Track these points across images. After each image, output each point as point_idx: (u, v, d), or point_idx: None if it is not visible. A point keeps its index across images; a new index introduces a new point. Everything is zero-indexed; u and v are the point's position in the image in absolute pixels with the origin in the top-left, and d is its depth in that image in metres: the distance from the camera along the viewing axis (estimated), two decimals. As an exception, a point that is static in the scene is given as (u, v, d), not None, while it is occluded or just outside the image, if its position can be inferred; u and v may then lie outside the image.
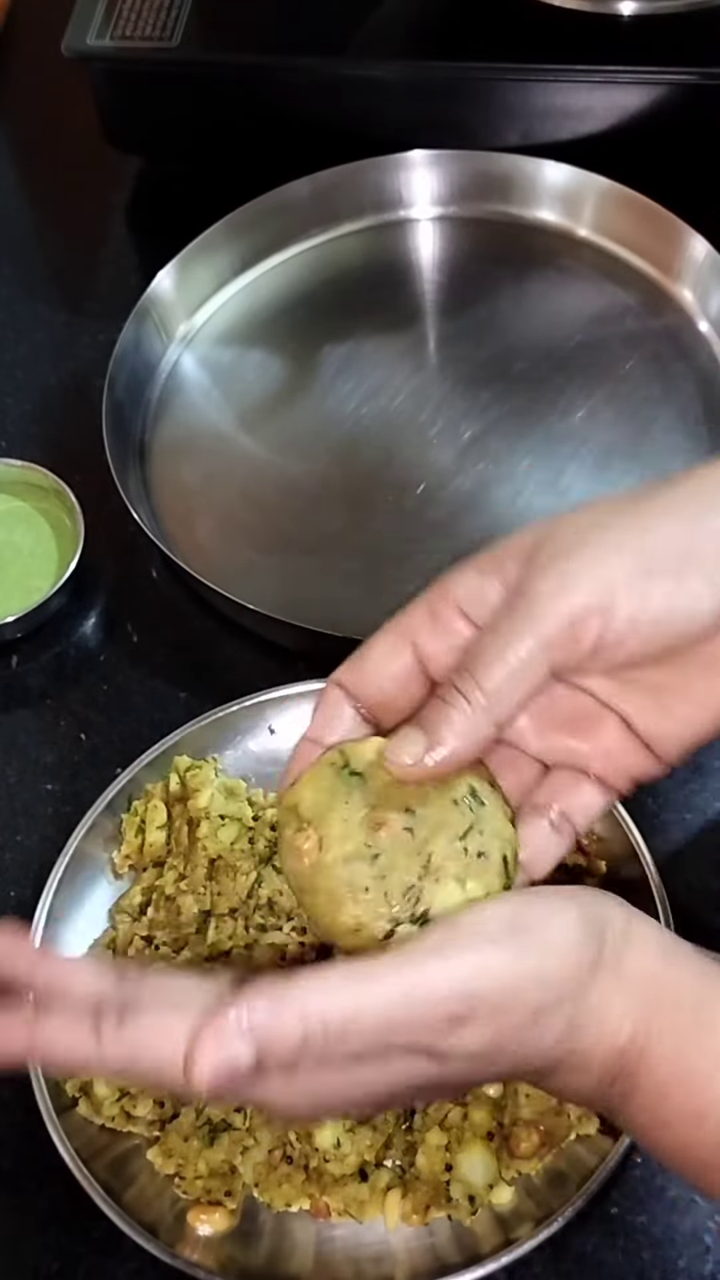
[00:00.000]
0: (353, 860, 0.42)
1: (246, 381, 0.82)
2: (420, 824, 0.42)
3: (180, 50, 0.84)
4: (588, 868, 0.63)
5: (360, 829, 0.42)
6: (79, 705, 0.73)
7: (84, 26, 0.85)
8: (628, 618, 0.41)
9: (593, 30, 0.82)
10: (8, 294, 0.90)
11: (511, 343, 0.81)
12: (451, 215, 0.86)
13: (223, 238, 0.83)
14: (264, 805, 0.66)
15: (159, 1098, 0.58)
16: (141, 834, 0.65)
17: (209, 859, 0.63)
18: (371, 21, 0.85)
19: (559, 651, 0.41)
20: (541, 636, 0.41)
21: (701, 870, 0.64)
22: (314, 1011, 0.38)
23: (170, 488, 0.78)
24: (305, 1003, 0.38)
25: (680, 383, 0.79)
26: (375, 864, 0.42)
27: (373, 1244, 0.56)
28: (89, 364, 0.82)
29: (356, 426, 0.79)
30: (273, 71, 0.85)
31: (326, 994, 0.39)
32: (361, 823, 0.42)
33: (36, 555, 0.75)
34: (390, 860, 0.42)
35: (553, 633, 0.41)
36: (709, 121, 0.81)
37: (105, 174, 0.94)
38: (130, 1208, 0.56)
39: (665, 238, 0.81)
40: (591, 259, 0.84)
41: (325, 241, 0.86)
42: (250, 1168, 0.57)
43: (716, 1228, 0.57)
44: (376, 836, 0.42)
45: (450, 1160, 0.56)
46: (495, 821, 0.43)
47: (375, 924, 0.41)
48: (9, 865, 0.68)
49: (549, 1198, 0.55)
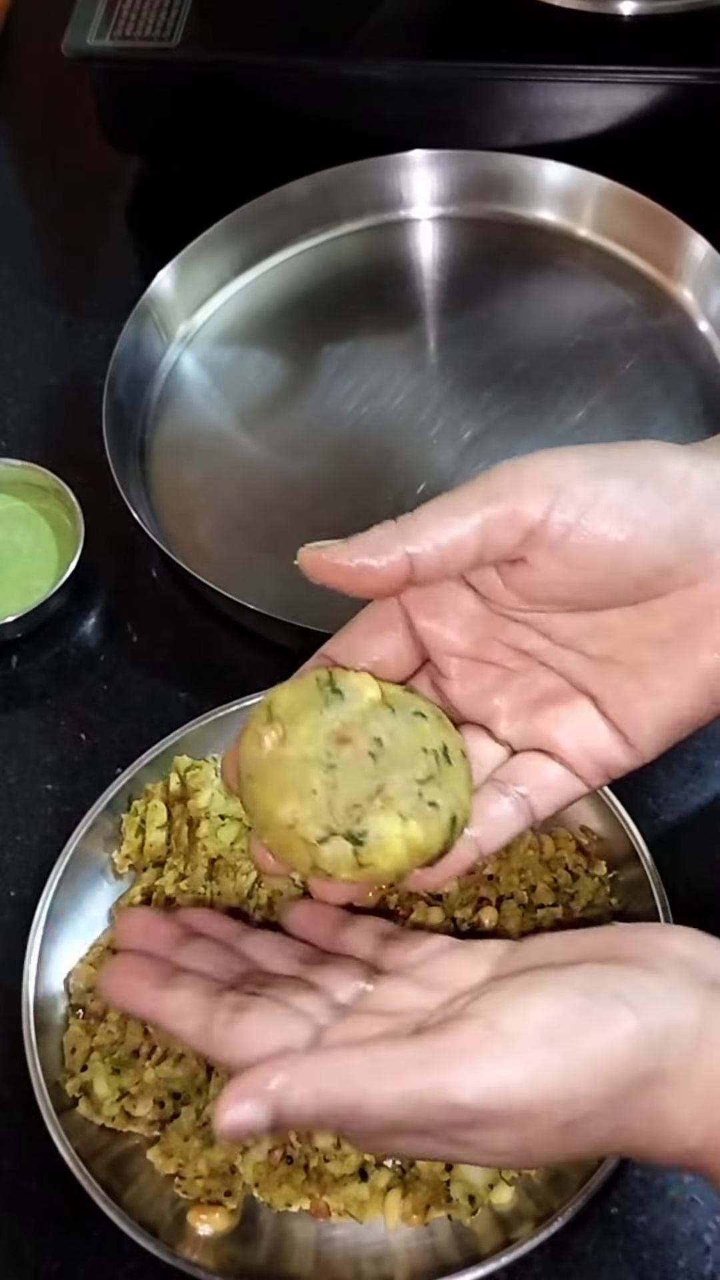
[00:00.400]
0: (311, 762, 0.42)
1: (246, 381, 0.82)
2: (384, 755, 0.42)
3: (180, 50, 0.84)
4: (588, 868, 0.63)
5: (326, 739, 0.42)
6: (79, 705, 0.73)
7: (84, 26, 0.85)
8: (579, 504, 0.41)
9: (593, 30, 0.82)
10: (8, 294, 0.90)
11: (511, 343, 0.81)
12: (451, 215, 0.86)
13: (223, 238, 0.83)
14: (264, 805, 0.66)
15: (160, 1097, 0.58)
16: (141, 834, 0.65)
17: (209, 859, 0.63)
18: (371, 21, 0.85)
19: (501, 521, 0.41)
20: (484, 492, 0.41)
21: (701, 870, 0.64)
22: (327, 1093, 0.39)
23: (170, 488, 0.78)
24: (320, 1083, 0.39)
25: (680, 383, 0.79)
26: (330, 772, 0.42)
27: (373, 1244, 0.56)
28: (89, 364, 0.82)
29: (356, 426, 0.79)
30: (273, 71, 0.85)
31: (344, 1080, 0.39)
32: (329, 735, 0.42)
33: (36, 555, 0.75)
34: (345, 775, 0.42)
35: (497, 489, 0.41)
36: (709, 121, 0.81)
37: (105, 174, 0.94)
38: (130, 1208, 0.56)
39: (665, 238, 0.81)
40: (591, 259, 0.84)
41: (325, 241, 0.86)
42: (250, 1168, 0.57)
43: (717, 1228, 0.57)
44: (339, 750, 0.42)
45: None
46: (456, 783, 0.43)
47: (311, 826, 0.42)
48: (9, 865, 0.68)
49: (549, 1198, 0.55)
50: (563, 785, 0.45)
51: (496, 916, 0.61)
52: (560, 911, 0.61)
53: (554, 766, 0.45)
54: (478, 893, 0.62)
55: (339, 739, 0.42)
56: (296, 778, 0.42)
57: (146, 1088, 0.58)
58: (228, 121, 0.87)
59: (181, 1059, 0.59)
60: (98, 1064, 0.59)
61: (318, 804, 0.42)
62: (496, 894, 0.62)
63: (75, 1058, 0.60)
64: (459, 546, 0.42)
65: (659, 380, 0.79)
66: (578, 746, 0.45)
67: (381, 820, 0.41)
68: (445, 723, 0.44)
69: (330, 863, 0.42)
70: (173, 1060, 0.59)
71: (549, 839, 0.64)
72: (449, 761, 0.43)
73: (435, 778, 0.42)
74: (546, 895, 0.62)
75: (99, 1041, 0.60)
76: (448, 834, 0.43)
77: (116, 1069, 0.59)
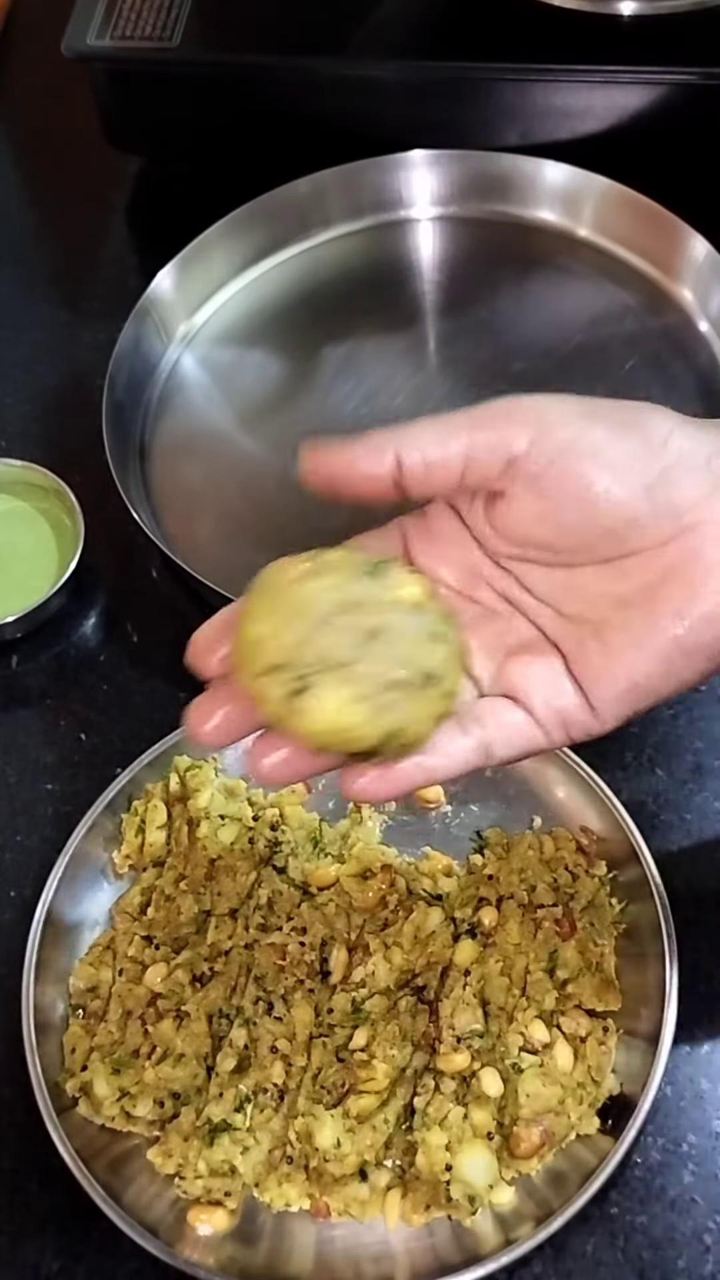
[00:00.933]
0: (312, 605, 0.43)
1: (246, 381, 0.82)
2: (378, 642, 0.43)
3: (180, 50, 0.84)
4: (588, 868, 0.63)
5: (339, 600, 0.43)
6: (79, 705, 0.73)
7: (84, 26, 0.85)
8: (560, 441, 0.43)
9: (593, 30, 0.82)
10: (8, 294, 0.90)
11: (511, 343, 0.81)
12: (451, 215, 0.86)
13: (223, 238, 0.83)
14: (264, 805, 0.66)
15: (160, 1097, 0.59)
16: (141, 834, 0.65)
17: (209, 859, 0.63)
18: (371, 21, 0.85)
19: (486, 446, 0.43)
20: (477, 417, 0.44)
21: (701, 870, 0.64)
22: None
23: (170, 488, 0.78)
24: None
25: (680, 383, 0.79)
26: (320, 625, 0.42)
27: (373, 1244, 0.56)
28: (89, 364, 0.82)
29: (356, 426, 0.78)
30: (273, 71, 0.85)
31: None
32: (344, 599, 0.43)
33: (36, 555, 0.75)
34: (331, 635, 0.42)
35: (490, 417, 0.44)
36: (709, 121, 0.81)
37: (105, 174, 0.94)
38: (130, 1208, 0.56)
39: (665, 238, 0.81)
40: (591, 259, 0.84)
41: (325, 241, 0.86)
42: (250, 1168, 0.57)
43: (717, 1228, 0.57)
44: (343, 615, 0.43)
45: (450, 1160, 0.56)
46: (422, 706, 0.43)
47: (272, 652, 0.42)
48: (9, 865, 0.68)
49: (549, 1198, 0.55)
50: (523, 731, 0.45)
51: (496, 916, 0.61)
52: (560, 911, 0.61)
53: (517, 713, 0.45)
54: (478, 893, 0.62)
55: (349, 606, 0.43)
56: (291, 610, 0.43)
57: (146, 1088, 0.58)
58: (228, 121, 0.87)
59: (181, 1059, 0.59)
60: (98, 1064, 0.59)
61: (289, 639, 0.42)
62: (496, 894, 0.62)
63: (75, 1058, 0.60)
64: (445, 462, 0.44)
65: (659, 380, 0.79)
66: (543, 698, 0.45)
67: (329, 686, 0.42)
68: (457, 659, 0.44)
69: (264, 690, 0.42)
70: (173, 1060, 0.59)
71: (549, 839, 0.64)
72: (430, 685, 0.43)
73: (408, 689, 0.42)
74: (546, 895, 0.62)
75: (99, 1041, 0.60)
76: (383, 738, 0.42)
77: (116, 1069, 0.59)
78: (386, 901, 0.63)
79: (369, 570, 0.44)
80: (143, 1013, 0.61)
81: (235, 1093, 0.58)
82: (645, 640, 0.43)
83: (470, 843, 0.65)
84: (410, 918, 0.62)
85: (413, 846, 0.65)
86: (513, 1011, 0.59)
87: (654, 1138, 0.58)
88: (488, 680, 0.46)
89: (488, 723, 0.45)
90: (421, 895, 0.63)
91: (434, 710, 0.43)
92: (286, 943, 0.61)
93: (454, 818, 0.66)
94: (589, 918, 0.61)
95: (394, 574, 0.44)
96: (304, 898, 0.63)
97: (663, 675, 0.44)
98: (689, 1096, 0.59)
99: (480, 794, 0.66)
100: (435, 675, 0.43)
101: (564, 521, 0.44)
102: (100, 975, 0.62)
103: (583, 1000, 0.59)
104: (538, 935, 0.61)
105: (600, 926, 0.61)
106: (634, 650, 0.44)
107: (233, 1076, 0.59)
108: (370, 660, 0.42)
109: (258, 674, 0.42)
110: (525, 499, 0.44)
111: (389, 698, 0.42)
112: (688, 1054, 0.60)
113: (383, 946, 0.61)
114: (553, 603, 0.46)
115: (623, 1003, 0.59)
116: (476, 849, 0.65)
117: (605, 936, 0.61)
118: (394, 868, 0.64)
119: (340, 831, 0.66)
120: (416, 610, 0.44)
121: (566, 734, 0.45)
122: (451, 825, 0.66)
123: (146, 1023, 0.60)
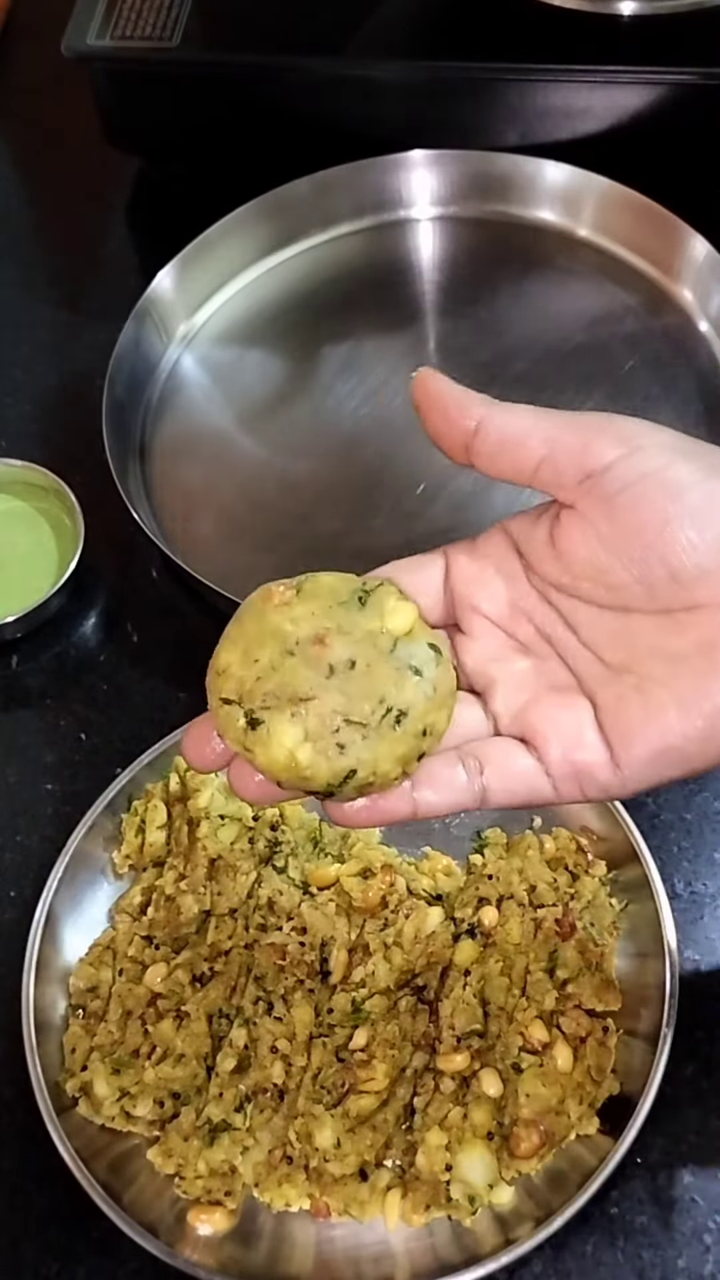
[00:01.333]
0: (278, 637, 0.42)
1: (246, 381, 0.82)
2: (344, 678, 0.42)
3: (180, 50, 0.84)
4: (588, 868, 0.63)
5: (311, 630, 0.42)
6: (79, 705, 0.73)
7: (84, 26, 0.85)
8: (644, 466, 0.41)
9: (593, 30, 0.82)
10: (8, 294, 0.90)
11: (511, 343, 0.81)
12: (451, 215, 0.86)
13: (223, 238, 0.83)
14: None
15: (160, 1097, 0.59)
16: (141, 834, 0.65)
17: (209, 859, 0.63)
18: (371, 21, 0.85)
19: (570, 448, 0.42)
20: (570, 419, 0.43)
21: (701, 870, 0.64)
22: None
23: (170, 488, 0.78)
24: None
25: (680, 383, 0.79)
26: (284, 657, 0.42)
27: (373, 1244, 0.56)
28: (89, 364, 0.82)
29: (356, 426, 0.79)
30: (273, 71, 0.85)
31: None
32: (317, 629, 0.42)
33: (36, 555, 0.75)
34: (292, 668, 0.41)
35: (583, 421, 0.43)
36: (709, 121, 0.81)
37: (105, 174, 0.94)
38: (130, 1208, 0.56)
39: (665, 238, 0.81)
40: (591, 259, 0.84)
41: (325, 241, 0.86)
42: (250, 1168, 0.57)
43: (717, 1228, 0.57)
44: (310, 646, 0.42)
45: (450, 1160, 0.56)
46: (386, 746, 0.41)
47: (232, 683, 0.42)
48: (9, 865, 0.68)
49: (549, 1198, 0.55)
50: (528, 780, 0.43)
51: (496, 916, 0.61)
52: (560, 911, 0.61)
53: (528, 759, 0.43)
54: (478, 892, 0.62)
55: (319, 638, 0.42)
56: (257, 639, 0.42)
57: (146, 1088, 0.58)
58: (228, 121, 0.87)
59: (181, 1059, 0.59)
60: (98, 1064, 0.59)
61: (250, 672, 0.41)
62: (497, 894, 0.62)
63: (75, 1058, 0.60)
64: (520, 446, 0.43)
65: (659, 380, 0.79)
66: (561, 748, 0.43)
67: (283, 725, 0.41)
68: (440, 696, 0.43)
69: (223, 720, 0.42)
70: (173, 1060, 0.59)
71: (549, 839, 0.64)
72: (396, 724, 0.41)
73: (369, 729, 0.41)
74: (547, 895, 0.62)
75: (99, 1041, 0.60)
76: (338, 780, 0.41)
77: (116, 1069, 0.59)
78: (386, 901, 0.63)
79: (353, 596, 0.43)
80: (143, 1013, 0.61)
81: (235, 1093, 0.58)
82: (691, 702, 0.41)
83: (470, 843, 0.65)
84: (410, 918, 0.62)
85: (413, 846, 0.65)
86: (513, 1011, 0.59)
87: (654, 1138, 0.58)
88: (507, 719, 0.44)
89: (490, 764, 0.43)
90: (421, 895, 0.63)
91: (400, 751, 0.41)
92: (286, 943, 0.61)
93: (454, 818, 0.66)
94: (589, 918, 0.61)
95: (383, 601, 0.43)
96: (304, 898, 0.63)
97: (700, 742, 0.41)
98: (689, 1096, 0.59)
99: (480, 794, 0.66)
100: (407, 713, 0.41)
101: (629, 553, 0.41)
102: (100, 975, 0.62)
103: (583, 1000, 0.59)
104: (538, 935, 0.61)
105: (600, 926, 0.61)
106: (677, 710, 0.41)
107: (233, 1076, 0.59)
108: (331, 696, 0.41)
109: (219, 704, 0.42)
110: (595, 518, 0.42)
111: (346, 736, 0.41)
112: (688, 1054, 0.60)
113: (383, 946, 0.61)
114: (596, 648, 0.43)
115: (623, 1003, 0.59)
116: (476, 849, 0.65)
117: (605, 936, 0.61)
118: (394, 868, 0.64)
119: (340, 831, 0.66)
120: (401, 642, 0.42)
121: (580, 789, 0.43)
122: (451, 825, 0.66)
123: (146, 1023, 0.60)
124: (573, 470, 0.42)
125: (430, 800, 0.43)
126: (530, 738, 0.43)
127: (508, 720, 0.44)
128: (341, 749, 0.41)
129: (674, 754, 0.41)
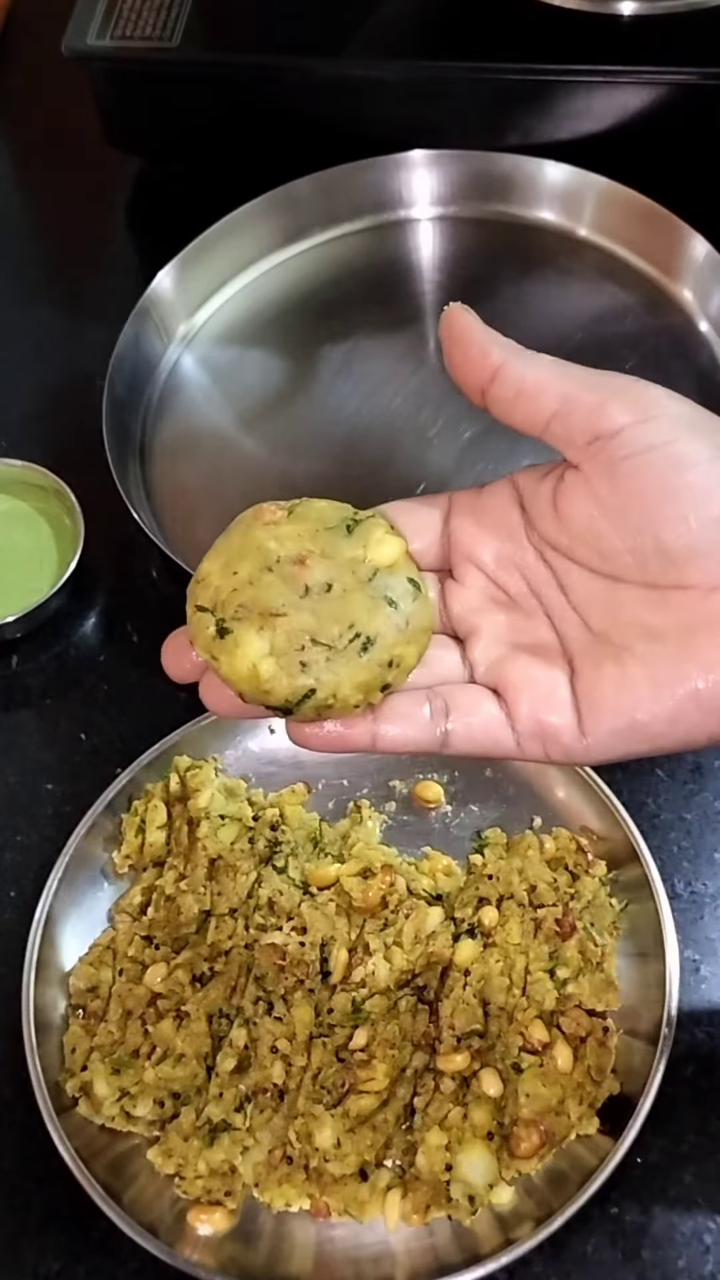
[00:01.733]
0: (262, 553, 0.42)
1: (246, 381, 0.82)
2: (318, 600, 0.42)
3: (180, 50, 0.84)
4: (588, 868, 0.63)
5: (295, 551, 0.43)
6: (79, 705, 0.73)
7: (84, 26, 0.85)
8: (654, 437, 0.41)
9: (593, 30, 0.82)
10: (8, 294, 0.90)
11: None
12: (451, 215, 0.86)
13: (223, 238, 0.83)
14: (264, 805, 0.66)
15: (160, 1097, 0.59)
16: (141, 834, 0.65)
17: (209, 859, 0.63)
18: (371, 21, 0.85)
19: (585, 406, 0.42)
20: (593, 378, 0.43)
21: (701, 870, 0.64)
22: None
23: (170, 488, 0.78)
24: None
25: (680, 383, 0.78)
26: (264, 573, 0.42)
27: (373, 1244, 0.56)
28: (89, 364, 0.82)
29: (356, 426, 0.79)
30: (273, 71, 0.85)
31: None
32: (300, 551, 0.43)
33: (36, 555, 0.75)
34: (269, 584, 0.42)
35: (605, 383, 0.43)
36: (709, 121, 0.81)
37: (105, 174, 0.94)
38: (130, 1208, 0.56)
39: (665, 238, 0.81)
40: (591, 259, 0.84)
41: (325, 241, 0.86)
42: (250, 1168, 0.57)
43: (717, 1228, 0.57)
44: (291, 565, 0.42)
45: (450, 1160, 0.56)
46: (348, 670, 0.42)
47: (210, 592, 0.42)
48: (9, 865, 0.68)
49: (549, 1198, 0.55)
50: (492, 730, 0.43)
51: (496, 916, 0.61)
52: (560, 911, 0.61)
53: (495, 709, 0.43)
54: (478, 892, 0.62)
55: (300, 559, 0.42)
56: (240, 553, 0.43)
57: (146, 1088, 0.58)
58: (228, 121, 0.87)
59: (181, 1059, 0.59)
60: (98, 1064, 0.59)
61: (228, 583, 0.42)
62: (497, 894, 0.62)
63: (75, 1058, 0.60)
64: (538, 396, 0.43)
65: (659, 380, 0.78)
66: (531, 705, 0.43)
67: (250, 636, 0.41)
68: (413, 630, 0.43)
69: (194, 628, 0.43)
70: (173, 1060, 0.59)
71: (549, 839, 0.64)
72: (363, 651, 0.42)
73: (334, 652, 0.41)
74: (547, 895, 0.62)
75: (99, 1041, 0.60)
76: (296, 698, 0.41)
77: (116, 1069, 0.59)
78: (386, 901, 0.63)
79: (345, 524, 0.43)
80: (143, 1013, 0.61)
81: (235, 1093, 0.58)
82: (664, 682, 0.41)
83: (470, 843, 0.65)
84: (410, 918, 0.62)
85: (413, 846, 0.65)
86: (513, 1011, 0.59)
87: (654, 1138, 0.58)
88: (483, 668, 0.44)
89: (457, 708, 0.43)
90: (421, 895, 0.63)
91: (362, 677, 0.42)
92: (286, 943, 0.61)
93: (454, 818, 0.66)
94: (589, 918, 0.61)
95: (370, 532, 0.43)
96: (304, 898, 0.63)
97: (668, 723, 0.41)
98: (689, 1096, 0.59)
99: (480, 794, 0.66)
100: (374, 641, 0.42)
101: (625, 521, 0.41)
102: (100, 975, 0.62)
103: (583, 1000, 0.59)
104: (538, 935, 0.61)
105: (600, 926, 0.61)
106: (649, 688, 0.41)
107: (233, 1076, 0.59)
108: (302, 615, 0.41)
109: (193, 610, 0.43)
110: (597, 482, 0.42)
111: (310, 656, 0.41)
112: (688, 1054, 0.60)
113: (383, 946, 0.61)
114: (584, 612, 0.43)
115: (622, 1003, 0.59)
116: (476, 849, 0.65)
117: (605, 936, 0.61)
118: (394, 868, 0.64)
119: (340, 831, 0.66)
120: (382, 573, 0.43)
121: (543, 750, 0.43)
122: (451, 825, 0.66)
123: (146, 1023, 0.60)
124: (583, 430, 0.42)
125: (390, 734, 0.43)
126: (503, 690, 0.43)
127: (483, 669, 0.44)
128: (304, 667, 0.41)
129: (641, 731, 0.41)
